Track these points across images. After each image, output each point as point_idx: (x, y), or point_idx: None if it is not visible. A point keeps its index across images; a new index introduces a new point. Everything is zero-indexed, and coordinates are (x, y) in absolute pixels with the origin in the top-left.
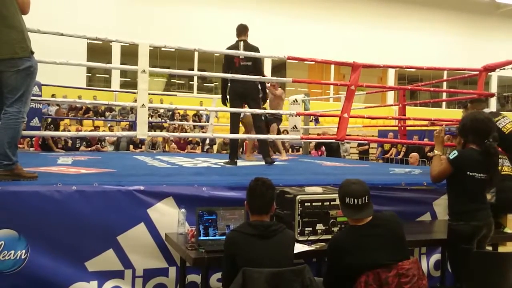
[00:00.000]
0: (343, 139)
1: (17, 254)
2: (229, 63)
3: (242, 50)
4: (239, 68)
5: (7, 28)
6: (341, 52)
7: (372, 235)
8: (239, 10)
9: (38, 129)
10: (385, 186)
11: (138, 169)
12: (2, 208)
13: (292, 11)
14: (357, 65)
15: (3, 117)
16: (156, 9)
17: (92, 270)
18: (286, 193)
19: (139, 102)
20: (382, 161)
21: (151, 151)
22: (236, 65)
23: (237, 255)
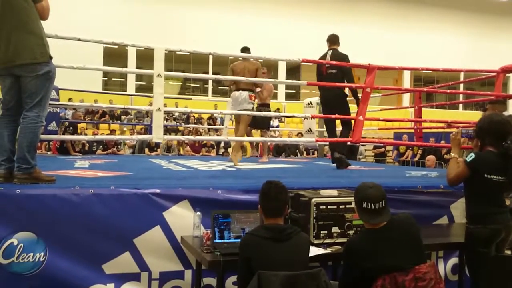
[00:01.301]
0: (359, 142)
1: (35, 257)
2: (319, 72)
3: (329, 59)
4: (326, 76)
5: (28, 33)
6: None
7: (389, 239)
8: (254, 14)
9: (56, 133)
10: (401, 189)
11: (153, 172)
12: (21, 211)
13: (306, 13)
14: (372, 67)
15: (23, 121)
16: (170, 13)
17: (109, 273)
18: (301, 196)
19: (154, 106)
20: (398, 163)
21: (166, 154)
22: (323, 74)
23: (252, 258)
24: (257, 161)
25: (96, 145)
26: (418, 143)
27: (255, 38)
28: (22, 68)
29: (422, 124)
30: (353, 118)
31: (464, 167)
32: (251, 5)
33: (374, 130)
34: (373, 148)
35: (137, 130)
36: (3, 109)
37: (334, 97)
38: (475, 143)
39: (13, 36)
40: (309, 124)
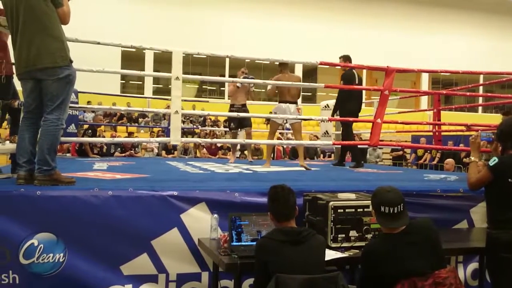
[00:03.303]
0: (377, 145)
1: (55, 257)
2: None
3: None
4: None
5: (49, 38)
6: (372, 57)
7: (407, 243)
8: (269, 16)
9: (75, 135)
10: (420, 193)
11: (171, 175)
12: (42, 212)
13: (323, 15)
14: (391, 70)
15: (43, 124)
16: (187, 16)
17: (127, 274)
18: (318, 199)
19: (172, 109)
20: (416, 167)
21: (183, 157)
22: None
23: (268, 261)
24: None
25: (114, 147)
26: (437, 146)
27: (271, 40)
28: (43, 71)
29: (441, 127)
30: (371, 121)
31: (486, 171)
32: (267, 7)
33: (392, 133)
34: (391, 151)
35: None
36: (25, 111)
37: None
38: (494, 146)
39: (35, 40)
40: (326, 127)
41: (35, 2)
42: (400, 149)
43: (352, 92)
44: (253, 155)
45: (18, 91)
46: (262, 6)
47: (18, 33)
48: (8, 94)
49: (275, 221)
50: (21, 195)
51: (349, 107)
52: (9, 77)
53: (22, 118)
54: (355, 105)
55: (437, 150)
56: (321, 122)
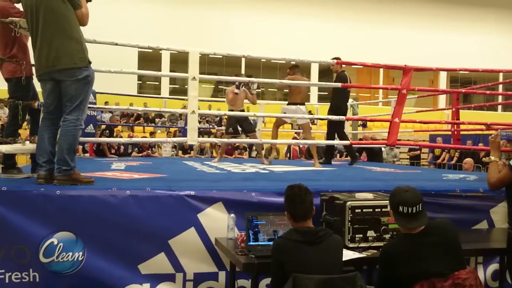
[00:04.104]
0: (394, 144)
1: (74, 256)
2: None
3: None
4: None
5: (68, 39)
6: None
7: (426, 244)
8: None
9: (93, 136)
10: (438, 193)
11: (188, 174)
12: (61, 211)
13: (339, 15)
14: (408, 68)
15: (63, 124)
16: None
17: (145, 273)
18: (335, 199)
19: (189, 109)
20: (434, 166)
21: (199, 157)
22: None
23: (285, 262)
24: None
25: (131, 147)
26: (456, 146)
27: (286, 40)
28: (62, 72)
29: (459, 126)
30: (389, 120)
31: (508, 171)
32: (282, 7)
33: (410, 132)
34: (408, 151)
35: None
36: (44, 112)
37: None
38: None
39: (55, 41)
40: None
41: (54, 4)
42: (417, 148)
43: (345, 93)
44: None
45: (38, 92)
46: (277, 5)
47: (38, 35)
48: (28, 95)
49: (292, 221)
50: (41, 195)
51: (342, 108)
52: (29, 78)
53: (41, 118)
54: (346, 106)
55: (456, 150)
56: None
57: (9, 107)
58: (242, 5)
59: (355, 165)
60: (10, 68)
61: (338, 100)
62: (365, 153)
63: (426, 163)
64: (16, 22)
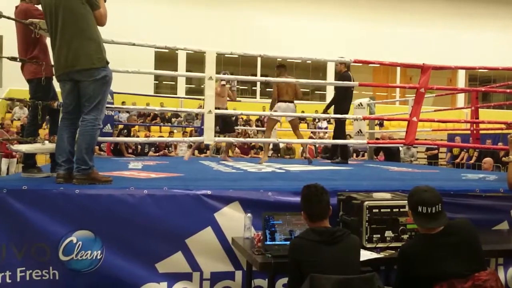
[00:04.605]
0: (412, 144)
1: (93, 254)
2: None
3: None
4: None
5: (86, 40)
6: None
7: (446, 244)
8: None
9: (111, 135)
10: (457, 193)
11: (204, 174)
12: (80, 210)
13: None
14: (427, 67)
15: (81, 124)
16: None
17: (162, 272)
18: (353, 199)
19: (206, 109)
20: (452, 166)
21: (215, 156)
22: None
23: (302, 261)
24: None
25: (148, 147)
26: (475, 145)
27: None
28: (80, 73)
29: (479, 125)
30: (407, 119)
31: None
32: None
33: (427, 131)
34: (426, 150)
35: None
36: (63, 112)
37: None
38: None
39: (73, 42)
40: (359, 126)
41: (73, 4)
42: (435, 148)
43: (348, 92)
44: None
45: (57, 93)
46: (293, 5)
47: (57, 36)
48: (48, 95)
49: (308, 221)
50: (61, 194)
51: (345, 107)
52: (49, 79)
53: (61, 118)
54: (348, 105)
55: (475, 149)
56: (354, 121)
57: (29, 108)
58: (258, 5)
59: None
60: (32, 69)
61: (341, 100)
62: (383, 152)
63: (444, 163)
64: (36, 23)
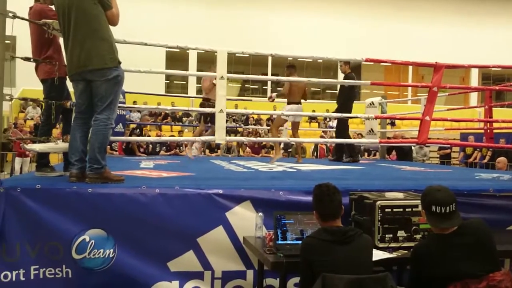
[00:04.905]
0: (425, 143)
1: (105, 253)
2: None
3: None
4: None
5: (99, 40)
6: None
7: (460, 244)
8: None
9: (122, 135)
10: (471, 193)
11: (215, 173)
12: (93, 209)
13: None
14: (439, 66)
15: (94, 123)
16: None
17: (174, 270)
18: (365, 199)
19: (217, 108)
20: (465, 165)
21: (226, 155)
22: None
23: (314, 261)
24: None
25: (159, 146)
26: (489, 144)
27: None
28: (93, 73)
29: (492, 124)
30: (419, 118)
31: None
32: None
33: (440, 130)
34: (438, 149)
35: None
36: (76, 112)
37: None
38: None
39: (86, 42)
40: (371, 125)
41: (85, 5)
42: (448, 147)
43: (352, 92)
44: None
45: (71, 92)
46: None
47: (70, 36)
48: (62, 95)
49: (320, 220)
50: (74, 193)
51: (349, 107)
52: (63, 79)
53: (74, 118)
54: (352, 105)
55: (488, 148)
56: (366, 120)
57: (42, 107)
58: (268, 4)
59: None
60: (46, 69)
61: (346, 100)
62: (395, 152)
63: (457, 162)
64: (49, 23)
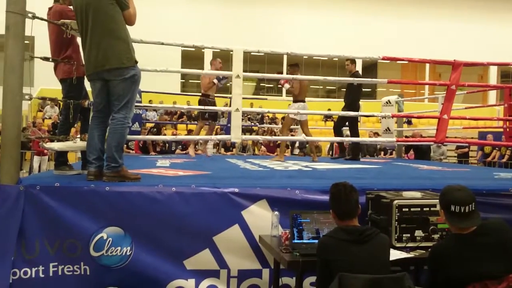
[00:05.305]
0: (443, 141)
1: (123, 251)
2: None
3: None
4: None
5: (115, 40)
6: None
7: (479, 244)
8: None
9: (139, 134)
10: (490, 192)
11: (231, 172)
12: (110, 207)
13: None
14: (458, 64)
15: (111, 122)
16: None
17: (190, 269)
18: (382, 198)
19: (233, 107)
20: (483, 165)
21: (241, 154)
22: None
23: (331, 260)
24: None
25: (175, 145)
26: (508, 143)
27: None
28: (110, 72)
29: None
30: (437, 117)
31: None
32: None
33: (458, 129)
34: (456, 148)
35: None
36: (94, 111)
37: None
38: None
39: (103, 42)
40: (387, 124)
41: (102, 5)
42: (465, 146)
43: (359, 91)
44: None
45: (88, 92)
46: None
47: (88, 36)
48: (80, 94)
49: (337, 220)
50: (92, 191)
51: (357, 105)
52: (81, 79)
53: (91, 117)
54: (359, 103)
55: (507, 147)
56: (382, 119)
57: (60, 107)
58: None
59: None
60: (65, 69)
61: (353, 98)
62: (413, 151)
63: (475, 161)
64: (68, 23)
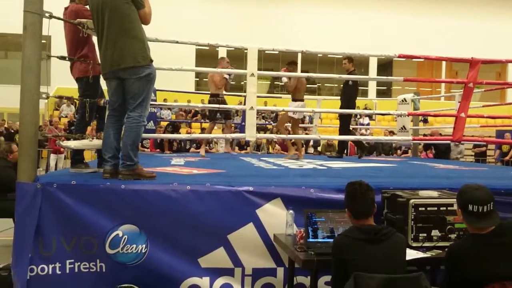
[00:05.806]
0: (460, 140)
1: (138, 248)
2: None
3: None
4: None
5: (130, 39)
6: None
7: (497, 245)
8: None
9: (153, 132)
10: (508, 192)
11: (246, 170)
12: (126, 205)
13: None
14: (476, 61)
15: (126, 121)
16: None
17: (204, 267)
18: (398, 197)
19: (248, 105)
20: (501, 164)
21: (255, 152)
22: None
23: (346, 260)
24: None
25: (189, 143)
26: None
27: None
28: (126, 71)
29: None
30: (454, 115)
31: None
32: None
33: (475, 127)
34: (473, 147)
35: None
36: (109, 109)
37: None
38: None
39: (118, 41)
40: (403, 122)
41: (118, 4)
42: (483, 144)
43: (355, 90)
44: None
45: (104, 90)
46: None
47: (104, 35)
48: (96, 93)
49: (352, 219)
50: (107, 189)
51: (354, 103)
52: (97, 77)
53: (107, 115)
54: (355, 101)
55: None
56: (398, 117)
57: (76, 105)
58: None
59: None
60: (81, 68)
61: (351, 97)
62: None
63: (493, 160)
64: (84, 23)
